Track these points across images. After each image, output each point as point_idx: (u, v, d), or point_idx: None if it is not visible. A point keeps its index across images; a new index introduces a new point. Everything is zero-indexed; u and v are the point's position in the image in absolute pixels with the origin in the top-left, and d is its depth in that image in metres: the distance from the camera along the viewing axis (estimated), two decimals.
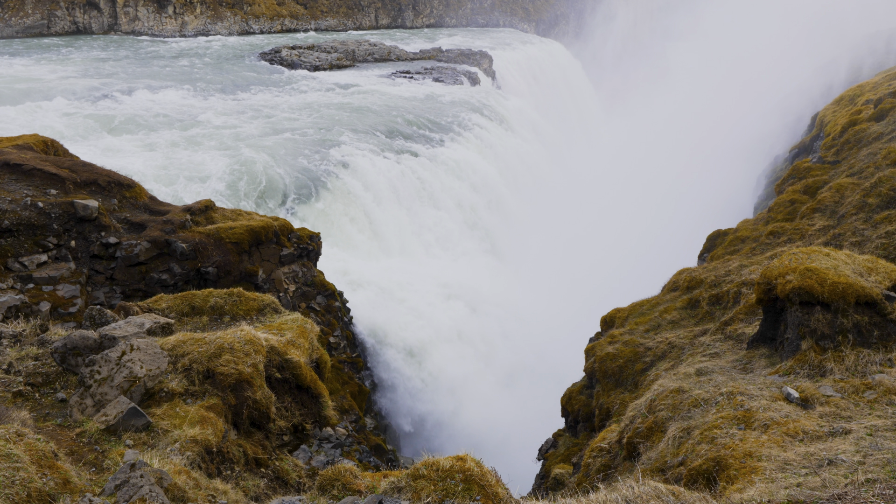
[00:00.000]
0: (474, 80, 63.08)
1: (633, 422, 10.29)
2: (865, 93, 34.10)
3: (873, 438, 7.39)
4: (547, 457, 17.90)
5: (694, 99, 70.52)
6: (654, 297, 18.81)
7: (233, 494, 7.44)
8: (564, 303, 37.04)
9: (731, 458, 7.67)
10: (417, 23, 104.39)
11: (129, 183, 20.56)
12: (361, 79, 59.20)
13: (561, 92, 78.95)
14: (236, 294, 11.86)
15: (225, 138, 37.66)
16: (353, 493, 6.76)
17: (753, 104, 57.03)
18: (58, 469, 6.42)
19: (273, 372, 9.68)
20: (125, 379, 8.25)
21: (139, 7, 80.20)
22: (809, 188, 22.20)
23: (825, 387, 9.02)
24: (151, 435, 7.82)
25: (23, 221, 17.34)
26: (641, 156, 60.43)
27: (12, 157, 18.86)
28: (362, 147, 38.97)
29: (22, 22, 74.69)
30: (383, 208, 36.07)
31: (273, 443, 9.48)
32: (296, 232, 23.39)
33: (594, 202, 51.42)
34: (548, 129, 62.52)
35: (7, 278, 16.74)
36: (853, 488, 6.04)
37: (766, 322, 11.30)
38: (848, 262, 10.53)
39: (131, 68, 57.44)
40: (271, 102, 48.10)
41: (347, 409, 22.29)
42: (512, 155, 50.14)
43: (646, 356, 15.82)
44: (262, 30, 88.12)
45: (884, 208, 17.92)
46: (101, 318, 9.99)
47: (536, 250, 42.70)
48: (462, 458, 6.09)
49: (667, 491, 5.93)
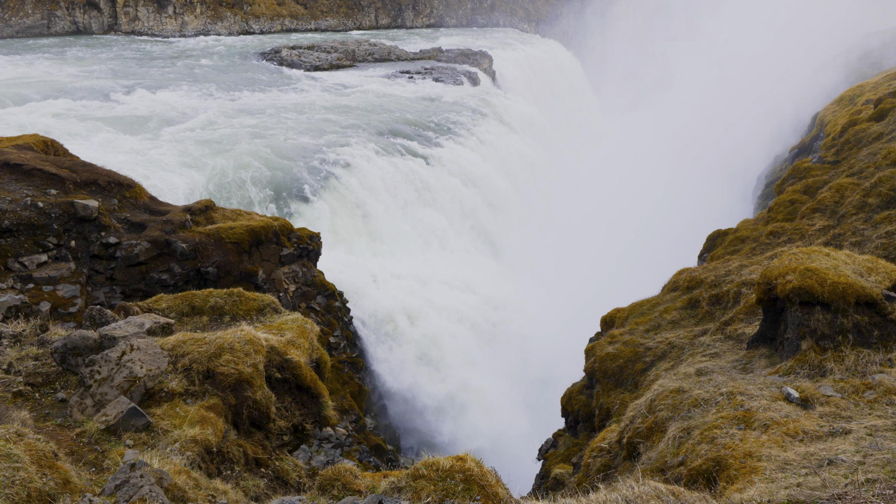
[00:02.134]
0: (474, 80, 63.07)
1: (633, 422, 10.29)
2: (865, 93, 34.12)
3: (873, 438, 7.39)
4: (547, 457, 17.90)
5: (694, 99, 70.55)
6: (654, 297, 18.80)
7: (233, 494, 7.44)
8: (564, 303, 37.05)
9: (731, 458, 7.67)
10: (417, 23, 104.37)
11: (129, 183, 20.56)
12: (361, 79, 59.20)
13: (561, 92, 78.96)
14: (236, 294, 11.86)
15: (225, 138, 37.66)
16: (353, 493, 6.76)
17: (753, 104, 57.04)
18: (58, 469, 6.42)
19: (273, 372, 9.68)
20: (125, 379, 8.25)
21: (139, 7, 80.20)
22: (809, 188, 22.20)
23: (825, 387, 9.02)
24: (151, 435, 7.82)
25: (23, 221, 17.34)
26: (641, 156, 60.46)
27: (12, 157, 18.86)
28: (362, 147, 38.96)
29: (22, 22, 74.69)
30: (383, 208, 36.07)
31: (273, 443, 9.49)
32: (296, 232, 23.40)
33: (594, 202, 51.45)
34: (548, 129, 62.51)
35: (7, 278, 16.74)
36: (853, 488, 6.04)
37: (766, 322, 11.30)
38: (848, 262, 10.53)
39: (131, 68, 57.43)
40: (271, 102, 48.09)
41: (347, 409, 22.30)
42: (512, 155, 50.13)
43: (646, 356, 15.82)
44: (262, 30, 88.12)
45: (884, 208, 17.92)
46: (101, 318, 9.99)
47: (536, 250, 42.69)
48: (462, 458, 6.09)
49: (667, 491, 5.93)
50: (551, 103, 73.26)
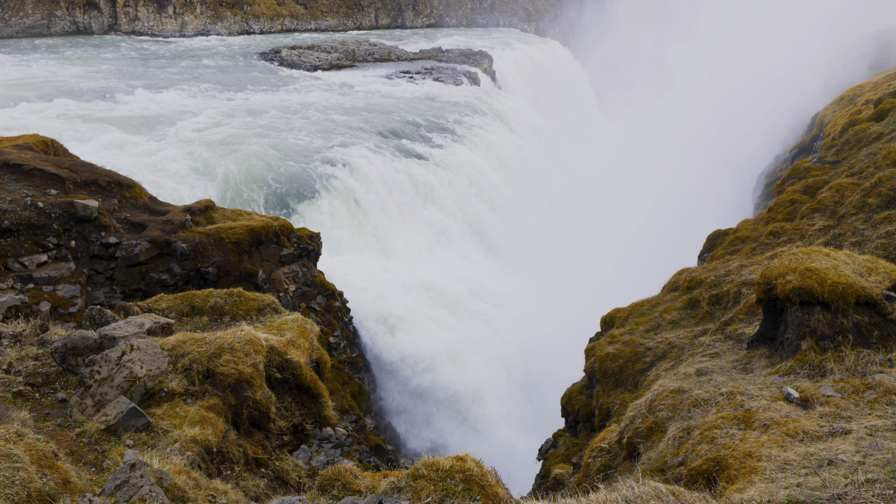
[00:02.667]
0: (474, 79, 63.07)
1: (633, 422, 10.29)
2: (865, 93, 34.14)
3: (873, 438, 7.39)
4: (547, 457, 17.90)
5: (694, 99, 70.57)
6: (654, 298, 18.81)
7: (233, 494, 7.44)
8: (564, 303, 37.06)
9: (731, 458, 7.67)
10: (417, 23, 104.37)
11: (129, 183, 20.57)
12: (361, 79, 59.20)
13: (561, 92, 78.97)
14: (236, 294, 11.86)
15: (224, 138, 37.66)
16: (353, 493, 6.76)
17: (753, 104, 57.06)
18: (58, 469, 6.42)
19: (273, 372, 9.68)
20: (125, 379, 8.25)
21: (139, 7, 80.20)
22: (809, 188, 22.19)
23: (825, 387, 9.02)
24: (151, 435, 7.82)
25: (23, 221, 17.34)
26: (641, 156, 60.48)
27: (12, 157, 18.86)
28: (362, 147, 38.96)
29: (22, 22, 74.69)
30: (383, 208, 36.07)
31: (273, 443, 9.48)
32: (296, 232, 23.40)
33: (594, 202, 51.47)
34: (548, 129, 62.52)
35: (7, 278, 16.74)
36: (853, 488, 6.04)
37: (766, 322, 11.30)
38: (848, 262, 10.53)
39: (131, 68, 57.43)
40: (271, 102, 48.09)
41: (347, 409, 22.30)
42: (512, 155, 50.14)
43: (646, 356, 15.82)
44: (262, 30, 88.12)
45: (884, 208, 17.92)
46: (101, 318, 9.99)
47: (536, 250, 42.70)
48: (462, 458, 6.09)
49: (667, 491, 5.93)
50: (551, 103, 73.28)
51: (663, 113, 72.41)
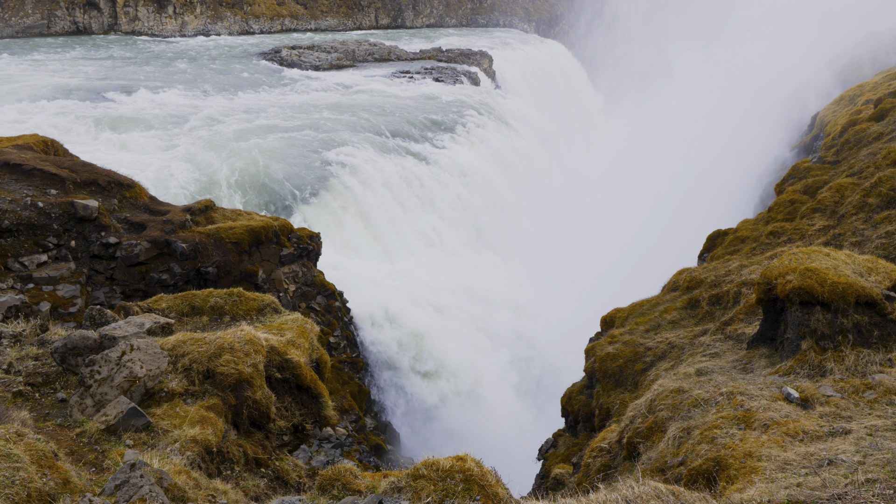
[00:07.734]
0: (474, 79, 63.06)
1: (633, 422, 10.29)
2: (865, 93, 34.13)
3: (873, 438, 7.39)
4: (547, 457, 17.90)
5: (694, 99, 70.59)
6: (654, 297, 18.79)
7: (233, 494, 7.44)
8: (564, 303, 37.06)
9: (731, 458, 7.67)
10: (417, 23, 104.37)
11: (129, 183, 20.57)
12: (361, 79, 59.20)
13: (561, 92, 78.97)
14: (236, 294, 11.86)
15: (225, 138, 37.65)
16: (353, 493, 6.76)
17: (753, 104, 57.07)
18: (58, 469, 6.42)
19: (273, 372, 9.68)
20: (125, 379, 8.25)
21: (139, 7, 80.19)
22: (809, 188, 22.18)
23: (825, 387, 9.01)
24: (151, 435, 7.82)
25: (23, 221, 17.34)
26: (641, 156, 60.49)
27: (12, 157, 18.86)
28: (362, 147, 38.96)
29: (22, 22, 74.68)
30: (383, 208, 36.07)
31: (273, 443, 9.48)
32: (296, 232, 23.39)
33: (594, 202, 51.47)
34: (548, 129, 62.53)
35: (7, 278, 16.74)
36: (853, 488, 6.04)
37: (766, 322, 11.29)
38: (848, 262, 10.53)
39: (131, 68, 57.43)
40: (271, 102, 48.10)
41: (347, 409, 22.30)
42: (512, 155, 50.15)
43: (646, 356, 15.81)
44: (262, 30, 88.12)
45: (884, 208, 17.91)
46: (101, 318, 9.99)
47: (536, 250, 42.71)
48: (462, 458, 6.09)
49: (667, 491, 5.93)
50: (551, 103, 73.28)
51: (663, 113, 72.42)
